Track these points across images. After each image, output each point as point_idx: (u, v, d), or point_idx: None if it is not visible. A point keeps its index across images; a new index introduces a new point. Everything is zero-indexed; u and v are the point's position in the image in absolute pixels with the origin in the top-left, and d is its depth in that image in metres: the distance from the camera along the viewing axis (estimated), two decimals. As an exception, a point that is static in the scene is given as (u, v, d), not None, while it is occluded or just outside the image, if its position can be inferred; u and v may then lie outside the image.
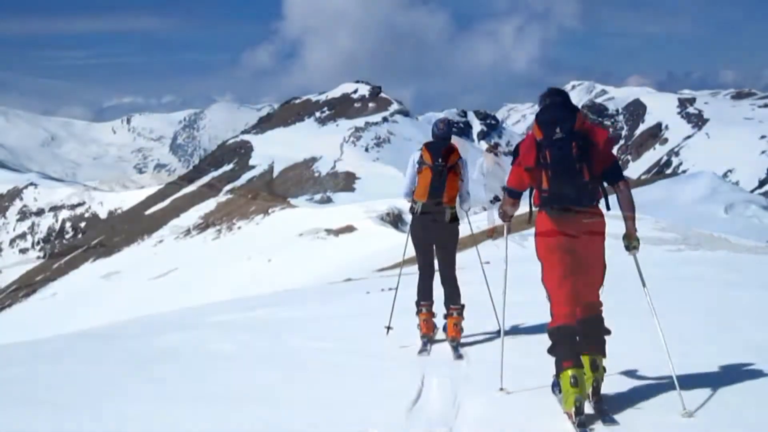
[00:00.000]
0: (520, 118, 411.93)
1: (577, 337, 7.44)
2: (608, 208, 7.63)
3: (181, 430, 7.21)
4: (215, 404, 8.03)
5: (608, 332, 7.70)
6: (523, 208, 8.34)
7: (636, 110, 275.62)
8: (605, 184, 7.66)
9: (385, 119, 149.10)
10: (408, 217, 11.84)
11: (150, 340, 13.18)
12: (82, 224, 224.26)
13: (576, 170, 7.34)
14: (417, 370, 9.18)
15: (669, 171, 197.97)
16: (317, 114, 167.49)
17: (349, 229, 75.36)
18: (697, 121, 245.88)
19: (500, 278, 8.77)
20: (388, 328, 11.78)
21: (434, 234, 10.89)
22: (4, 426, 7.48)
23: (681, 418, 7.12)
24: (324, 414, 7.61)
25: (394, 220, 77.90)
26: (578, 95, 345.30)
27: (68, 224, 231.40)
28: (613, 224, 7.89)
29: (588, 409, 7.20)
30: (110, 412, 7.90)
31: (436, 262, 11.16)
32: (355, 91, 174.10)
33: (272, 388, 8.76)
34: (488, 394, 8.06)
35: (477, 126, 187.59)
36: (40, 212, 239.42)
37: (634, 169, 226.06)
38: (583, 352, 7.38)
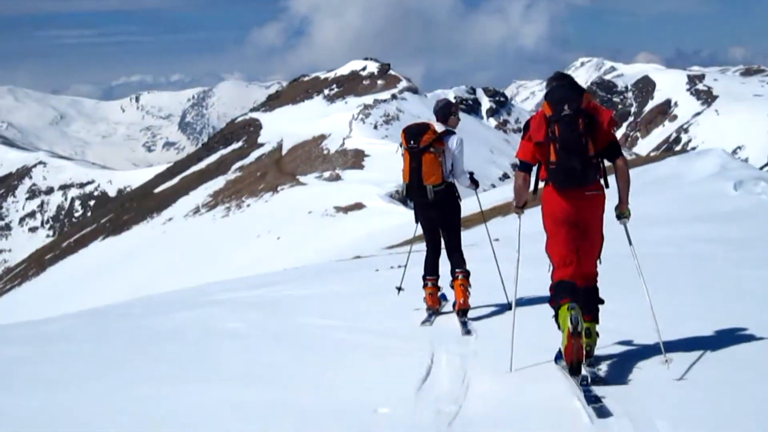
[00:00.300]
0: (529, 95, 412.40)
1: (577, 292, 8.04)
2: (607, 186, 8.17)
3: (187, 410, 7.16)
4: (223, 384, 7.99)
5: (602, 302, 8.23)
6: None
7: (645, 87, 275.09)
8: (605, 162, 8.22)
9: (393, 97, 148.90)
10: None
11: (157, 319, 13.16)
12: (92, 203, 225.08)
13: (582, 144, 7.88)
14: (426, 347, 9.14)
15: (678, 148, 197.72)
16: (326, 91, 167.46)
17: (358, 206, 75.43)
18: (707, 97, 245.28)
19: (509, 256, 8.93)
20: (399, 288, 12.17)
21: (430, 213, 11.30)
22: (11, 405, 7.45)
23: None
24: (333, 393, 7.58)
25: (403, 197, 77.87)
26: (587, 72, 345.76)
27: (77, 203, 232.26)
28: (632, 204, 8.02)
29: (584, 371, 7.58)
30: (117, 392, 7.87)
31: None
32: (364, 69, 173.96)
33: (280, 367, 8.72)
34: (497, 371, 8.04)
35: (486, 103, 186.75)
36: (49, 191, 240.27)
37: (643, 146, 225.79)
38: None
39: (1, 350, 10.64)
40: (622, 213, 8.38)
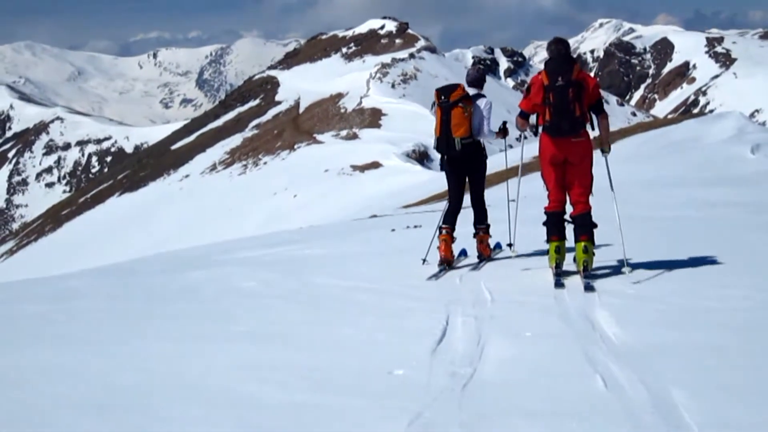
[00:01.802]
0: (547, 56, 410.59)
1: (564, 217, 10.55)
2: (593, 128, 10.54)
3: (201, 369, 7.16)
4: (237, 343, 7.98)
5: (595, 226, 10.45)
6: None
7: (663, 49, 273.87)
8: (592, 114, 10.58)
9: (411, 56, 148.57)
10: (433, 154, 12.38)
11: (173, 277, 13.18)
12: (108, 159, 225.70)
13: (571, 109, 10.10)
14: (441, 309, 9.12)
15: (696, 111, 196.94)
16: (344, 50, 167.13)
17: (375, 165, 75.38)
18: (725, 60, 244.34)
19: (522, 216, 10.90)
20: (424, 260, 12.49)
21: (458, 167, 12.26)
22: (26, 363, 7.47)
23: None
24: (347, 354, 7.55)
25: (420, 156, 77.79)
26: (606, 33, 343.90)
27: (94, 158, 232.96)
28: (638, 170, 7.99)
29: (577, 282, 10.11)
30: (131, 350, 7.87)
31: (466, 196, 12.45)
32: (382, 27, 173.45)
33: (296, 327, 8.70)
34: (512, 334, 8.00)
35: (504, 63, 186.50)
36: (66, 146, 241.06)
37: (661, 109, 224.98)
38: (577, 240, 10.32)
39: (20, 307, 10.68)
40: (603, 149, 10.96)
